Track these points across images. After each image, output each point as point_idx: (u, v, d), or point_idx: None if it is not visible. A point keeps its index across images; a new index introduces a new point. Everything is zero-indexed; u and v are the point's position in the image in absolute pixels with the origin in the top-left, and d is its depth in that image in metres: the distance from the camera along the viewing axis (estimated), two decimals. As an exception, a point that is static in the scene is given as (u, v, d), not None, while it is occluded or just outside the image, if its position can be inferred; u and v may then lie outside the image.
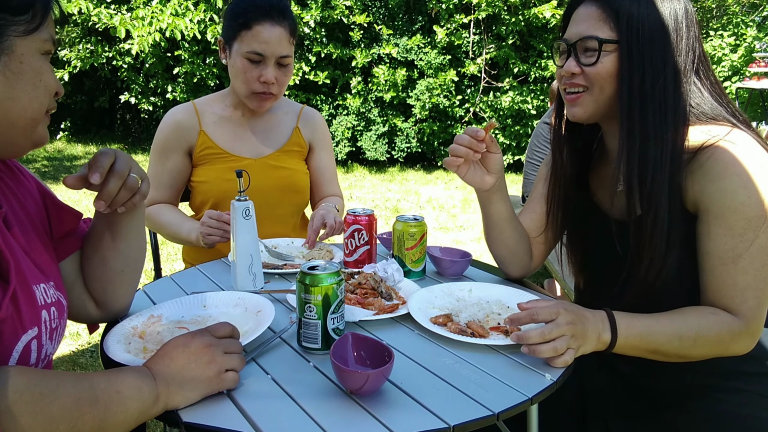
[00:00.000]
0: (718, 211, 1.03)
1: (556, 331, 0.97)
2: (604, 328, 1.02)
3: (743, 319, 1.03)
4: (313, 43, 6.86)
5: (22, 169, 1.00)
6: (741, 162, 1.02)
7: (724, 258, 1.03)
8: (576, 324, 0.98)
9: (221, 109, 1.77)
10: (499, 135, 7.09)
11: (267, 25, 1.57)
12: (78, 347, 2.74)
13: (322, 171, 1.87)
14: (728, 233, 1.03)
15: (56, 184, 5.91)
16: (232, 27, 1.61)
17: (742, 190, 1.02)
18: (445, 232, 4.85)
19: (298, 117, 1.84)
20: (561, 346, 0.96)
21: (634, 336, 1.02)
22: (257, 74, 1.60)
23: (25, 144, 0.88)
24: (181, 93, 7.25)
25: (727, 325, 1.03)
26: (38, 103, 0.86)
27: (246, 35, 1.58)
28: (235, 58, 1.61)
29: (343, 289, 1.02)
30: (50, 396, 0.71)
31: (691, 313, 1.06)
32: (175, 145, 1.72)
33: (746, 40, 7.34)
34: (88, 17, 6.73)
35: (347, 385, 0.89)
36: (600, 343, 1.02)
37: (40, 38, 0.85)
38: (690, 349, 1.04)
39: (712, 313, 1.04)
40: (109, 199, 0.94)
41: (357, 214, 1.40)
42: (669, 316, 1.06)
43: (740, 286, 1.03)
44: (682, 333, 1.03)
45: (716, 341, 1.03)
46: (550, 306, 1.00)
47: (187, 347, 0.87)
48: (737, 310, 1.04)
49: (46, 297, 0.87)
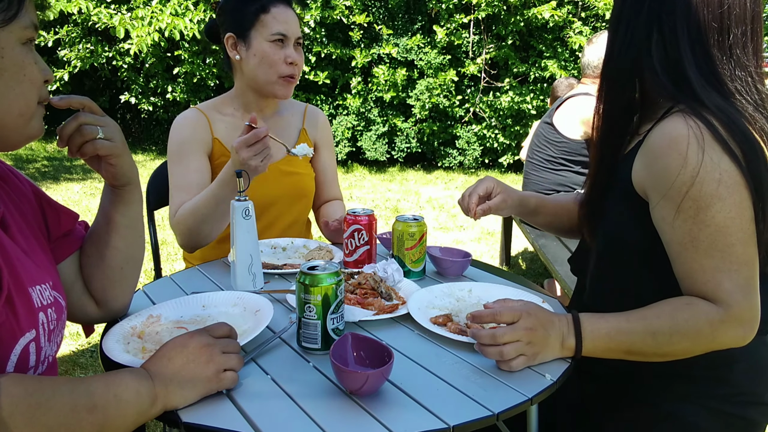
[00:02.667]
0: (664, 192, 0.98)
1: (509, 336, 0.95)
2: (568, 332, 0.99)
3: (723, 306, 0.96)
4: (313, 43, 6.85)
5: (16, 173, 0.99)
6: (685, 139, 0.96)
7: (683, 242, 0.98)
8: (536, 330, 0.96)
9: (230, 113, 1.71)
10: (499, 135, 7.09)
11: (281, 6, 1.60)
12: (78, 347, 2.74)
13: (325, 172, 1.86)
14: (680, 216, 0.97)
15: (56, 184, 5.91)
16: (245, 16, 1.58)
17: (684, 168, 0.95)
18: (445, 232, 4.84)
19: (303, 117, 1.82)
20: (509, 351, 0.94)
21: (602, 338, 0.99)
22: (283, 56, 1.59)
23: (18, 139, 0.86)
24: (181, 93, 7.25)
25: (704, 316, 0.96)
26: (24, 98, 0.83)
27: (266, 19, 1.57)
28: (259, 45, 1.58)
29: (342, 289, 1.02)
30: (46, 405, 0.70)
31: (665, 306, 1.00)
32: (195, 146, 1.63)
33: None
34: (88, 17, 6.73)
35: (347, 385, 0.89)
36: (565, 350, 0.99)
37: (20, 26, 0.81)
38: (668, 346, 0.98)
39: (686, 304, 0.98)
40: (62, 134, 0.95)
41: (357, 214, 1.40)
42: (641, 312, 1.00)
43: (708, 269, 0.96)
44: (654, 329, 0.98)
45: (695, 334, 0.97)
46: (513, 308, 0.99)
47: (185, 347, 0.86)
48: (714, 296, 0.96)
49: (43, 299, 0.86)
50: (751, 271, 0.97)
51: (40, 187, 1.04)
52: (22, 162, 6.81)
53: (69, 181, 6.06)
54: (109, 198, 1.06)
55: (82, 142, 0.95)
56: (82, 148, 0.96)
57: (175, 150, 1.63)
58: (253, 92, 1.68)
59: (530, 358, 0.96)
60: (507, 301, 1.06)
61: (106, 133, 0.96)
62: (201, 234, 1.51)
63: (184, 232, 1.52)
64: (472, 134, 7.17)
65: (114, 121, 0.99)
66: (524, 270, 4.05)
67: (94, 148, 0.96)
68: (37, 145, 7.61)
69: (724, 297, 0.96)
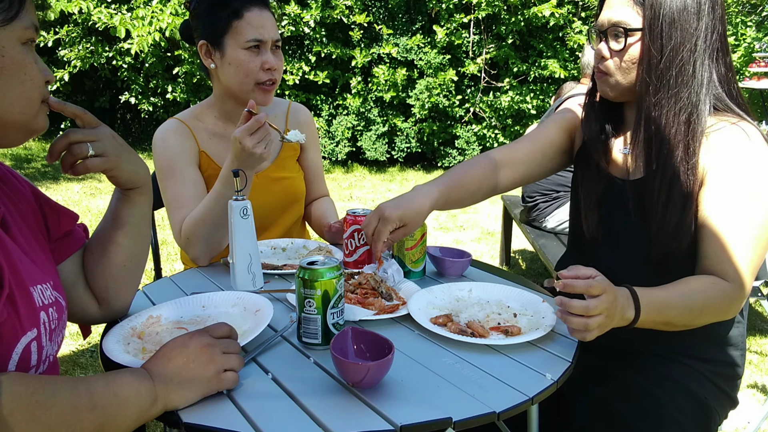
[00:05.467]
0: (719, 177, 1.12)
1: (599, 309, 0.97)
2: (628, 305, 1.03)
3: (736, 285, 1.10)
4: (313, 43, 6.85)
5: (15, 174, 0.99)
6: (748, 143, 1.12)
7: (722, 226, 1.11)
8: (614, 305, 0.99)
9: (212, 123, 1.65)
10: (499, 135, 7.09)
11: (255, 9, 1.50)
12: (78, 347, 2.74)
13: (312, 170, 1.82)
14: (728, 203, 1.11)
15: (56, 184, 5.91)
16: (217, 21, 1.50)
17: (744, 165, 1.11)
18: (445, 232, 4.84)
19: (286, 118, 1.77)
20: (594, 323, 0.96)
21: (653, 311, 1.05)
22: (259, 63, 1.52)
23: (19, 136, 0.86)
24: (181, 93, 7.24)
25: (725, 293, 1.09)
26: (25, 98, 0.83)
27: (239, 25, 1.49)
28: (233, 53, 1.51)
29: (342, 284, 1.02)
30: (47, 404, 0.70)
31: (696, 284, 1.11)
32: (185, 158, 1.57)
33: (746, 41, 7.34)
34: (88, 17, 6.73)
35: (348, 377, 0.89)
36: (623, 320, 1.03)
37: (20, 26, 0.81)
38: (698, 319, 1.10)
39: (713, 283, 1.10)
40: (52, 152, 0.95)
41: (357, 215, 1.40)
42: (677, 288, 1.10)
43: (736, 254, 1.10)
44: (691, 305, 1.08)
45: (717, 310, 1.11)
46: (598, 282, 0.98)
47: (186, 347, 0.86)
48: (732, 278, 1.10)
49: (44, 298, 0.86)
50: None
51: (40, 188, 1.04)
52: (21, 162, 6.81)
53: (69, 181, 6.06)
54: (117, 196, 1.07)
55: (73, 161, 0.95)
56: (74, 167, 0.96)
57: (165, 165, 1.56)
58: (231, 99, 1.61)
59: (601, 330, 0.99)
60: (578, 269, 1.01)
61: (98, 148, 0.95)
62: (216, 239, 1.46)
63: (197, 244, 1.45)
64: (472, 134, 7.16)
65: (108, 132, 0.98)
66: (524, 270, 4.05)
67: (86, 167, 0.96)
68: (36, 145, 7.60)
69: (738, 279, 1.10)
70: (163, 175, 1.56)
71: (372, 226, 1.23)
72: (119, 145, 0.99)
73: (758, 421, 1.90)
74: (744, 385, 2.54)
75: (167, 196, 1.56)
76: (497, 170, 1.36)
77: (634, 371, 1.24)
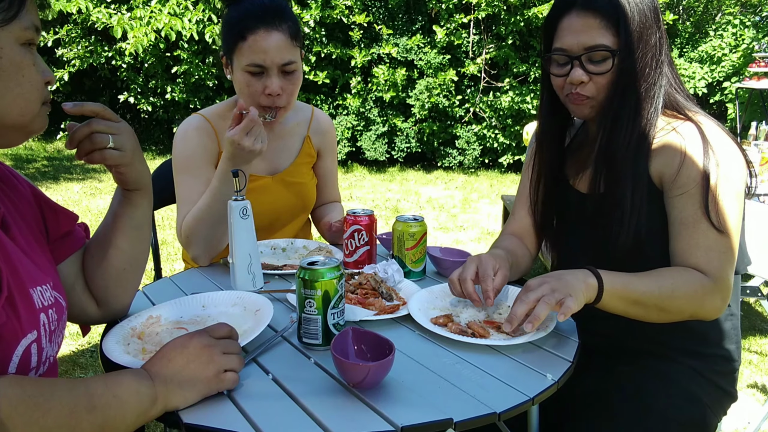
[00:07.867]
0: (679, 180, 1.13)
1: (533, 294, 1.00)
2: (586, 275, 1.05)
3: (712, 278, 1.10)
4: (313, 43, 6.85)
5: (15, 174, 0.99)
6: (700, 137, 1.13)
7: (686, 223, 1.13)
8: (548, 281, 1.02)
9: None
10: (499, 135, 7.09)
11: (261, 32, 1.43)
12: (78, 347, 2.74)
13: (326, 176, 1.83)
14: (689, 200, 1.12)
15: (56, 184, 5.90)
16: (228, 40, 1.49)
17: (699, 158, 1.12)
18: (445, 232, 4.84)
19: (308, 125, 1.76)
20: (539, 309, 0.98)
21: (617, 284, 1.06)
22: (261, 87, 1.48)
23: (18, 137, 0.86)
24: (180, 93, 7.24)
25: (699, 281, 1.09)
26: (24, 100, 0.82)
27: (242, 47, 1.45)
28: (236, 73, 1.49)
29: (343, 284, 1.02)
30: (45, 406, 0.70)
31: (667, 269, 1.13)
32: (204, 158, 1.56)
33: (745, 41, 7.34)
34: (88, 17, 6.72)
35: (348, 378, 0.89)
36: (589, 288, 1.04)
37: (20, 27, 0.79)
38: (669, 300, 1.08)
39: (684, 270, 1.11)
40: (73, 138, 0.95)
41: (357, 215, 1.40)
42: (647, 272, 1.11)
43: (703, 247, 1.11)
44: (660, 284, 1.08)
45: (692, 294, 1.09)
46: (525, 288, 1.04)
47: (186, 348, 0.86)
48: (705, 270, 1.10)
49: (44, 300, 0.86)
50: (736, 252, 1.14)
51: (40, 187, 1.04)
52: (21, 162, 6.81)
53: (69, 181, 6.06)
54: (118, 198, 1.06)
55: (92, 150, 0.95)
56: (90, 154, 0.96)
57: (183, 161, 1.55)
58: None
59: (565, 302, 0.99)
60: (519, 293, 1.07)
61: (117, 142, 0.96)
62: (215, 237, 1.45)
63: (198, 242, 1.44)
64: (471, 134, 7.17)
65: (129, 128, 0.99)
66: (524, 270, 4.04)
67: (102, 157, 0.96)
68: (36, 145, 7.60)
69: (714, 272, 1.10)
70: (179, 169, 1.56)
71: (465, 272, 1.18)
72: (136, 142, 1.00)
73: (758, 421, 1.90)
74: (744, 385, 2.54)
75: (181, 192, 1.55)
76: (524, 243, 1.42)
77: (631, 371, 1.24)
